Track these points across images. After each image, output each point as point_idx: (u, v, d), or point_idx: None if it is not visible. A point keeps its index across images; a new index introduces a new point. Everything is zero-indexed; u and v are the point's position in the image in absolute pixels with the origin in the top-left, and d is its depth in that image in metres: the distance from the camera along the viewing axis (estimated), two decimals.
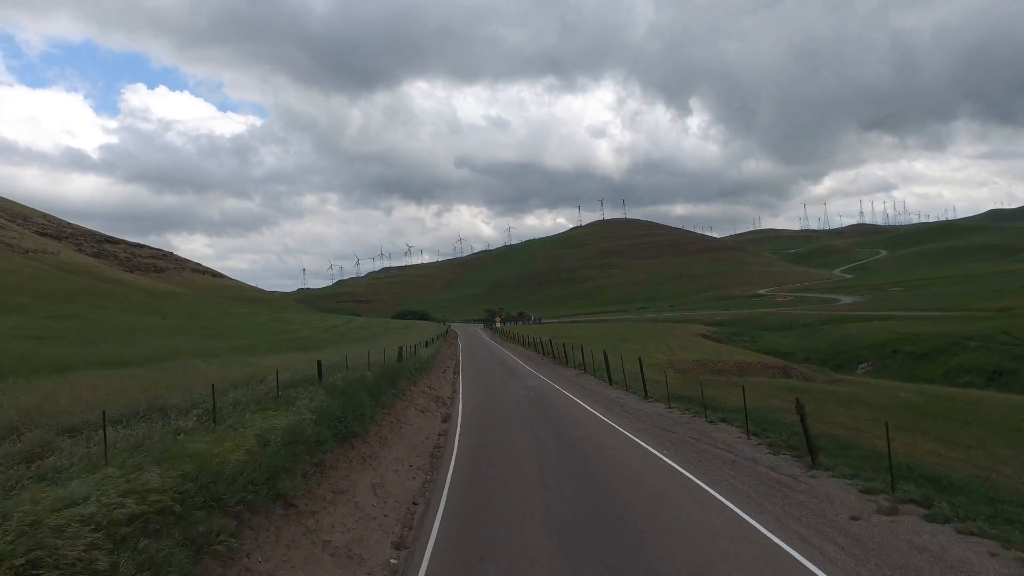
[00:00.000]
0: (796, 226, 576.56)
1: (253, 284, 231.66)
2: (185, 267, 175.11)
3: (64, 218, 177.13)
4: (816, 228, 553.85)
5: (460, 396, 25.91)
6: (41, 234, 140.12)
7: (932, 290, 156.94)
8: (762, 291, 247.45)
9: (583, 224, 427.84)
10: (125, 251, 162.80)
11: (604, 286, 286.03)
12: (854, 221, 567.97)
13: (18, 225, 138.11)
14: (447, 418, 20.90)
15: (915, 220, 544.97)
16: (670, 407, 18.67)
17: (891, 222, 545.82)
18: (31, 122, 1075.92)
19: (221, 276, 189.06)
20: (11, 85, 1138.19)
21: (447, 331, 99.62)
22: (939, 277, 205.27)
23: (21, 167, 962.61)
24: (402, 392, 21.84)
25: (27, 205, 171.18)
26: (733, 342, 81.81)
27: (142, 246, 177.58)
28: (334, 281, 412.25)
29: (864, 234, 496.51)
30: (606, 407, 20.53)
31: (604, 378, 27.58)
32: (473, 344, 68.84)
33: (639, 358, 25.79)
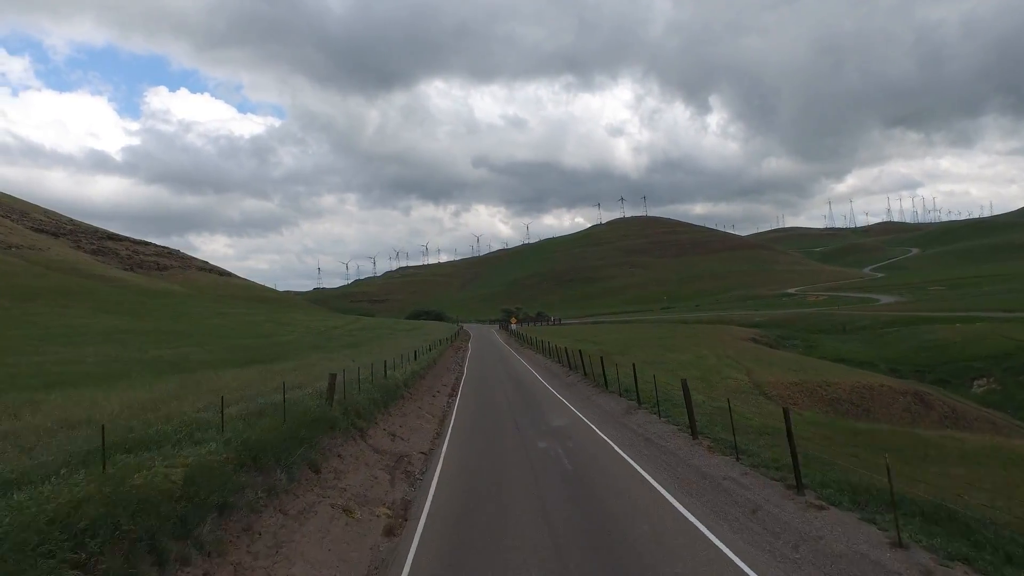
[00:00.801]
0: (820, 224, 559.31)
1: (268, 284, 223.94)
2: (191, 265, 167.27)
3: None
4: (842, 226, 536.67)
5: (443, 451, 15.45)
6: (37, 230, 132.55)
7: (981, 289, 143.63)
8: (791, 290, 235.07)
9: (603, 222, 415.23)
10: (128, 248, 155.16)
11: (625, 285, 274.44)
12: (880, 219, 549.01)
13: (12, 221, 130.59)
14: (394, 526, 10.38)
15: (945, 218, 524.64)
16: (900, 544, 7.64)
17: (920, 220, 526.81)
18: (57, 125, 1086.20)
19: (229, 275, 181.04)
20: (39, 90, 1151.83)
21: (457, 333, 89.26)
22: (987, 275, 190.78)
23: (47, 169, 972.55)
24: (317, 466, 11.38)
25: (29, 201, 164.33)
26: (783, 347, 70.37)
27: (147, 243, 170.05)
28: (351, 281, 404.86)
29: (892, 232, 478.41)
30: (727, 516, 9.80)
31: (673, 418, 16.87)
32: (484, 351, 58.35)
33: (764, 400, 14.97)
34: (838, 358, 52.80)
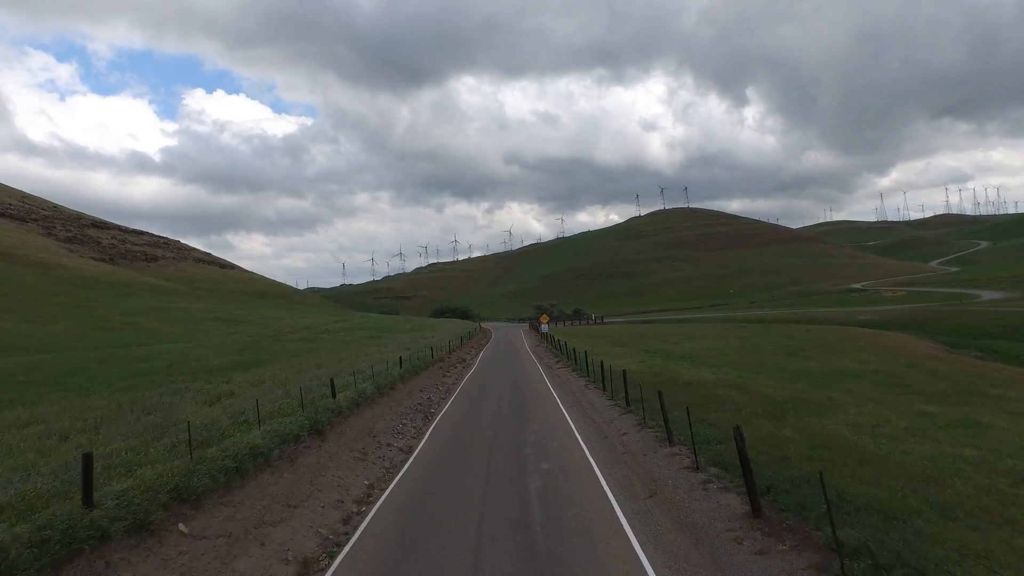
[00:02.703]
0: (867, 218, 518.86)
1: (300, 281, 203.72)
2: (186, 257, 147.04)
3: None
4: (894, 220, 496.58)
5: None
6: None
7: None
8: (856, 285, 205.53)
9: (642, 215, 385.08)
10: (114, 237, 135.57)
11: (668, 280, 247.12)
12: (931, 213, 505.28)
13: None
14: None
15: (1011, 210, 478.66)
16: None
17: (981, 212, 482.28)
18: (101, 128, 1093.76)
19: (233, 267, 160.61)
20: (84, 94, 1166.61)
21: (469, 336, 65.21)
22: None
23: (92, 171, 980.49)
24: None
25: (14, 188, 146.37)
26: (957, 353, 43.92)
27: (141, 233, 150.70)
28: (381, 277, 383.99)
29: (952, 225, 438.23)
30: None
31: None
32: (493, 372, 33.64)
33: None
34: None
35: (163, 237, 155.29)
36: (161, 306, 66.66)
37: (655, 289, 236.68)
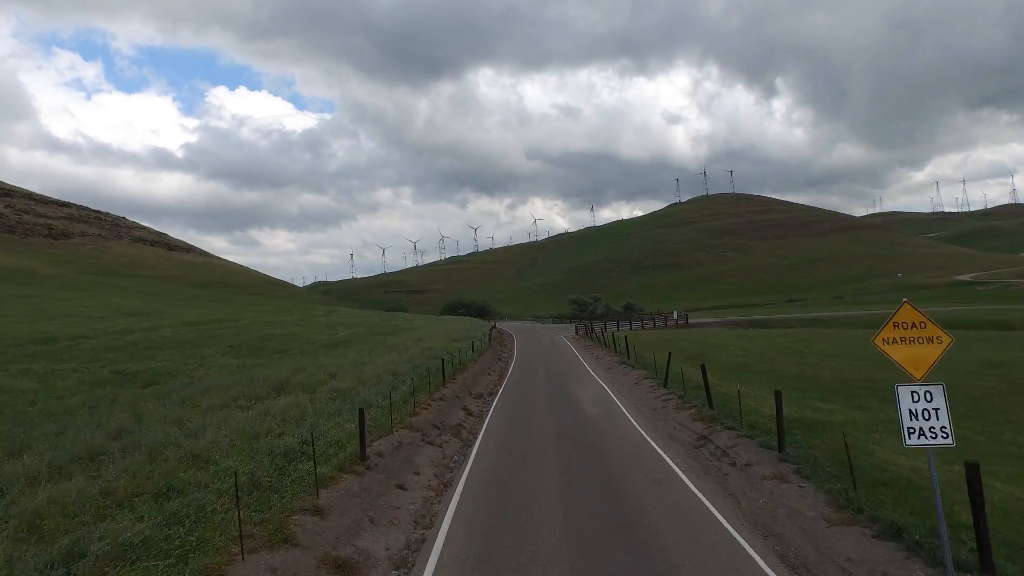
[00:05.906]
0: (904, 211, 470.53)
1: (316, 277, 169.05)
2: (122, 235, 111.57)
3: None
4: (952, 210, 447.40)
5: None
6: None
7: None
8: (963, 277, 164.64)
9: (682, 200, 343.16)
10: (16, 208, 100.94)
11: (720, 272, 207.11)
12: (992, 204, 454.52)
13: None
14: None
15: None
16: None
17: None
18: (124, 125, 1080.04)
19: (189, 250, 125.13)
20: (110, 92, 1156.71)
21: (458, 363, 27.31)
22: None
23: (116, 167, 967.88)
24: None
25: None
26: None
27: (66, 205, 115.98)
28: (396, 270, 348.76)
29: (1022, 215, 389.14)
30: None
31: None
32: None
33: None
34: None
35: (97, 211, 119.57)
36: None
37: (706, 282, 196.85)
